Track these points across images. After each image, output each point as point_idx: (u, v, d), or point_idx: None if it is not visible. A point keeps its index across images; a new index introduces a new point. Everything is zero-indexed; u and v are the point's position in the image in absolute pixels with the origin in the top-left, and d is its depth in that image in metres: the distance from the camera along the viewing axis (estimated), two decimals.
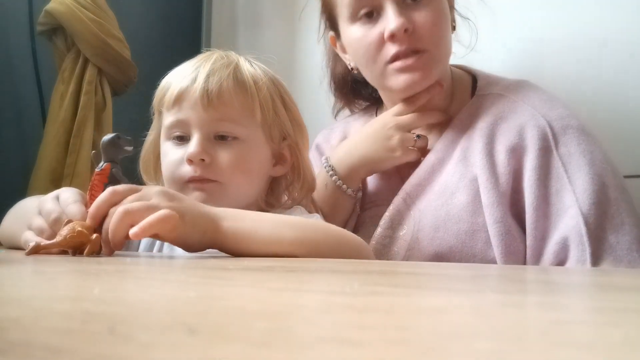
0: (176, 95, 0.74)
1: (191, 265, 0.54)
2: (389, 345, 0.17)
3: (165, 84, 0.78)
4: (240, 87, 0.75)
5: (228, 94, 0.74)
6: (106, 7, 1.37)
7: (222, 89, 0.73)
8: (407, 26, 0.81)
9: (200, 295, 0.29)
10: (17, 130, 1.37)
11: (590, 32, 1.04)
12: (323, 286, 0.36)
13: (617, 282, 0.42)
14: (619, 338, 0.18)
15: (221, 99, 0.73)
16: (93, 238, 0.56)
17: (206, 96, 0.73)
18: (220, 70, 0.75)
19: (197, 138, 0.73)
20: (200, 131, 0.73)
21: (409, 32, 0.81)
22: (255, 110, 0.76)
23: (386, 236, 0.85)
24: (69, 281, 0.36)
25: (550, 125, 0.79)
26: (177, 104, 0.74)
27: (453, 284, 0.38)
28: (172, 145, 0.76)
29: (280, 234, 0.62)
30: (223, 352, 0.16)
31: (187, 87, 0.74)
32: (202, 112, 0.73)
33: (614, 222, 0.73)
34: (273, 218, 0.65)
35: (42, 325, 0.19)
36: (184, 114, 0.74)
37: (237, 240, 0.60)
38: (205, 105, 0.73)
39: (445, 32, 0.86)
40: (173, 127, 0.75)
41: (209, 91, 0.73)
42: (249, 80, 0.76)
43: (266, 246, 0.61)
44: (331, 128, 1.06)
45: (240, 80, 0.75)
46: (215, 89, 0.73)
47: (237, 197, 0.74)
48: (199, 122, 0.73)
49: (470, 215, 0.80)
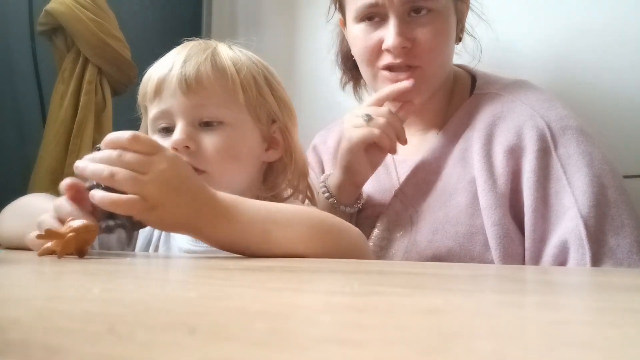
0: (155, 85, 0.73)
1: (191, 265, 0.54)
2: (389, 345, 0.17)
3: (145, 77, 0.76)
4: (219, 70, 0.73)
5: (207, 77, 0.72)
6: (106, 7, 1.37)
7: (200, 73, 0.72)
8: (405, 44, 0.81)
9: (200, 295, 0.29)
10: (17, 130, 1.37)
11: (591, 32, 1.04)
12: (323, 286, 0.36)
13: (617, 282, 0.42)
14: (619, 338, 0.18)
15: (200, 84, 0.72)
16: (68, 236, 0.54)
17: (184, 81, 0.71)
18: (197, 55, 0.74)
19: (181, 126, 0.71)
20: (183, 119, 0.72)
21: (407, 50, 0.82)
22: (237, 92, 0.74)
23: (383, 238, 0.84)
24: (69, 281, 0.36)
25: (549, 126, 0.78)
26: (158, 94, 0.73)
27: (452, 284, 0.38)
28: (158, 138, 0.74)
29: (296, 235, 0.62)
30: (223, 352, 0.16)
31: (165, 76, 0.73)
32: (182, 99, 0.72)
33: (614, 224, 0.73)
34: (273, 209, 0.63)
35: (42, 325, 0.19)
36: (165, 104, 0.73)
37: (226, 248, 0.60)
38: (184, 90, 0.71)
39: (444, 49, 0.85)
40: (157, 118, 0.74)
41: (186, 76, 0.71)
42: (227, 62, 0.74)
43: (262, 242, 0.60)
44: (329, 129, 1.06)
45: (218, 63, 0.74)
46: (192, 73, 0.72)
47: (228, 186, 0.70)
48: (181, 109, 0.72)
49: (469, 218, 0.79)
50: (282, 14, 1.51)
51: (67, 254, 0.54)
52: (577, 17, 1.06)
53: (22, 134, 1.37)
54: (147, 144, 0.57)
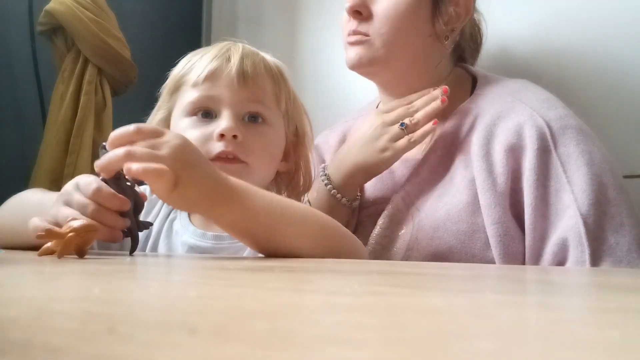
0: (208, 72, 0.74)
1: (191, 265, 0.54)
2: (389, 345, 0.17)
3: (186, 64, 0.78)
4: (270, 74, 0.78)
5: (262, 77, 0.76)
6: (106, 7, 1.37)
7: (257, 72, 0.76)
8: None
9: (200, 295, 0.29)
10: (17, 130, 1.37)
11: (590, 32, 1.04)
12: (323, 286, 0.36)
13: (617, 282, 0.42)
14: (619, 338, 0.18)
15: (256, 81, 0.75)
16: (68, 236, 0.53)
17: (242, 76, 0.74)
18: (253, 55, 0.77)
19: (229, 115, 0.73)
20: (231, 109, 0.74)
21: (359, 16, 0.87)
22: (281, 99, 0.78)
23: (385, 236, 0.85)
24: (69, 281, 0.36)
25: (548, 125, 0.79)
26: (209, 81, 0.75)
27: (453, 284, 0.38)
28: (195, 121, 0.75)
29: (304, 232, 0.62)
30: (223, 352, 0.16)
31: (221, 66, 0.75)
32: (237, 91, 0.74)
33: (614, 222, 0.73)
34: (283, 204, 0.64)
35: (42, 325, 0.19)
36: (216, 91, 0.74)
37: (237, 229, 0.61)
38: (241, 84, 0.74)
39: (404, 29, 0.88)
40: (200, 102, 0.75)
41: (244, 71, 0.75)
42: (275, 70, 0.79)
43: (269, 233, 0.60)
44: (331, 128, 1.07)
45: (269, 67, 0.78)
46: (251, 70, 0.75)
47: (258, 181, 0.72)
48: (232, 100, 0.74)
49: (470, 216, 0.79)
50: (282, 14, 1.51)
51: (67, 254, 0.54)
52: (577, 17, 1.06)
53: (22, 134, 1.37)
54: (152, 130, 0.58)
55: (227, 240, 0.74)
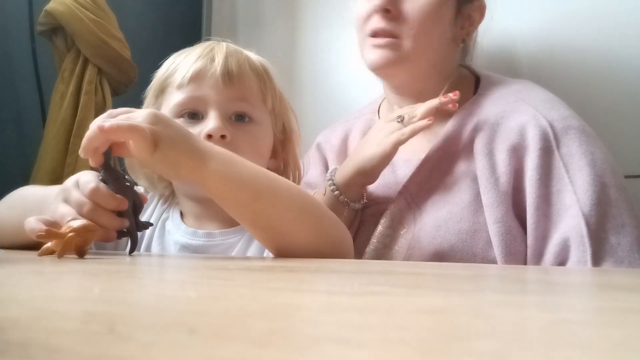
0: (192, 73, 0.74)
1: (191, 265, 0.54)
2: (389, 345, 0.17)
3: (170, 65, 0.78)
4: (256, 73, 0.77)
5: (247, 75, 0.76)
6: (106, 7, 1.37)
7: (242, 71, 0.75)
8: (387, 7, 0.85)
9: (200, 295, 0.29)
10: (17, 130, 1.37)
11: (591, 32, 1.04)
12: (323, 286, 0.36)
13: (617, 282, 0.42)
14: (619, 338, 0.18)
15: (241, 80, 0.75)
16: (68, 236, 0.53)
17: (227, 75, 0.74)
18: (237, 54, 0.77)
19: (216, 115, 0.73)
20: (218, 109, 0.74)
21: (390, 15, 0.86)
22: (267, 96, 0.78)
23: (387, 235, 0.85)
24: (69, 281, 0.36)
25: (551, 126, 0.79)
26: (194, 81, 0.74)
27: (453, 284, 0.38)
28: (182, 122, 0.74)
29: (275, 190, 0.62)
30: (223, 352, 0.16)
31: (206, 66, 0.75)
32: (222, 90, 0.74)
33: (615, 223, 0.73)
34: (270, 174, 0.64)
35: (42, 325, 0.19)
36: (201, 92, 0.74)
37: (222, 188, 0.60)
38: (226, 83, 0.74)
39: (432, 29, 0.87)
40: (186, 103, 0.75)
41: (229, 70, 0.74)
42: (260, 68, 0.78)
43: (254, 199, 0.60)
44: (333, 127, 1.06)
45: (254, 66, 0.78)
46: (236, 69, 0.75)
47: None
48: (218, 100, 0.74)
49: (472, 215, 0.80)
50: (282, 14, 1.51)
51: (67, 254, 0.54)
52: (578, 17, 1.06)
53: (22, 134, 1.37)
54: (122, 110, 0.59)
55: (218, 237, 0.75)
